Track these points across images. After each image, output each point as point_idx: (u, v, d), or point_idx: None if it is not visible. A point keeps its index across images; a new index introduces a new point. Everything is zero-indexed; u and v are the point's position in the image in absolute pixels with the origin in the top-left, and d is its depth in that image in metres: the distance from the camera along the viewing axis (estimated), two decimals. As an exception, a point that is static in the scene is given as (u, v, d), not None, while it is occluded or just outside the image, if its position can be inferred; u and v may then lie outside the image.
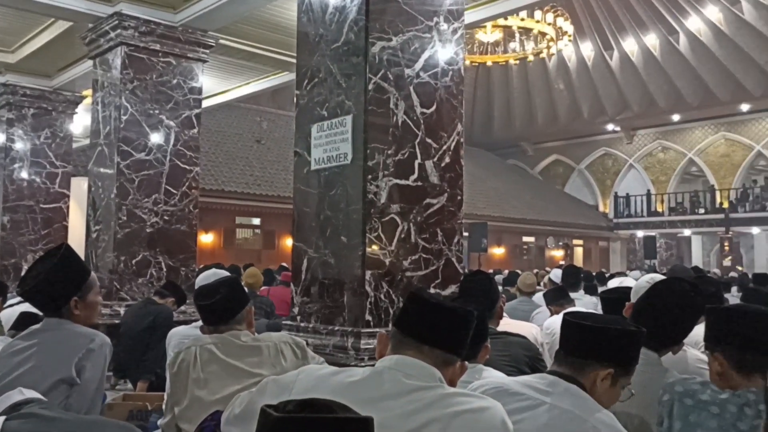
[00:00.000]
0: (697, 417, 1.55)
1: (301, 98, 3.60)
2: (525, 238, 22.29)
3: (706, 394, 1.59)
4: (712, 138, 22.99)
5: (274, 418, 0.99)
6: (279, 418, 0.99)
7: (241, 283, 2.60)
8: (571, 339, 1.84)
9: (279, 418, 0.99)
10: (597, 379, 1.72)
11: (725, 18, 19.96)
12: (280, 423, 0.98)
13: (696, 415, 1.56)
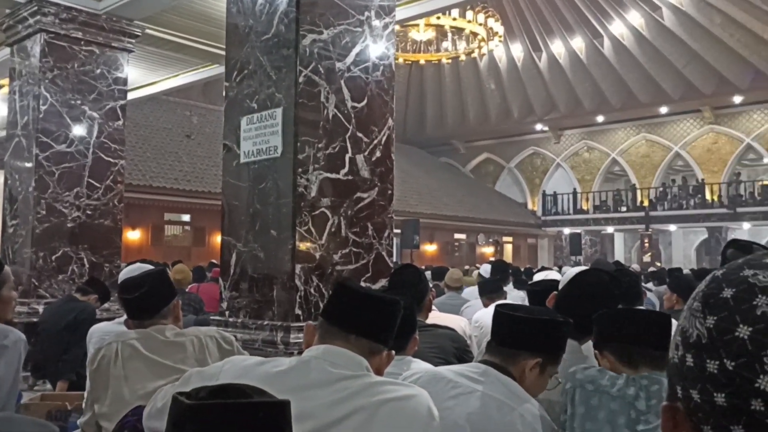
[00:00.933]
0: (599, 401, 1.63)
1: (230, 90, 3.54)
2: (456, 235, 22.64)
3: (605, 379, 1.67)
4: (634, 139, 23.93)
5: (186, 406, 0.96)
6: (191, 405, 0.96)
7: (168, 276, 2.51)
8: (502, 330, 1.90)
9: (191, 405, 0.96)
10: (526, 368, 1.77)
11: (647, 23, 20.80)
12: (192, 411, 0.95)
13: (597, 399, 1.63)
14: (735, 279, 0.56)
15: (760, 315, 0.52)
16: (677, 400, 0.58)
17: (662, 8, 20.14)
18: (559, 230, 24.56)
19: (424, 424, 1.46)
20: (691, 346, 0.56)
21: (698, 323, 0.56)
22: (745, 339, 0.52)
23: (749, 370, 0.51)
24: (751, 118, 21.52)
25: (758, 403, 0.51)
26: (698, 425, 0.55)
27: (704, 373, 0.54)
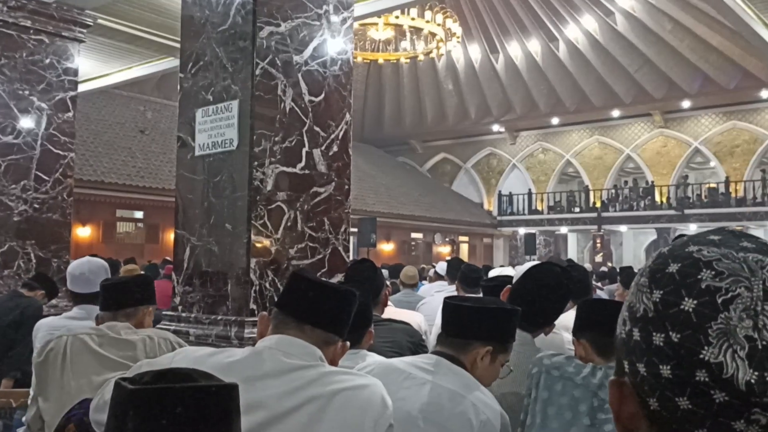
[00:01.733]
0: (563, 387, 1.65)
1: (185, 81, 3.48)
2: (413, 234, 22.74)
3: (571, 367, 1.70)
4: (587, 141, 24.40)
5: (129, 391, 0.94)
6: (134, 390, 0.94)
7: (151, 283, 2.60)
8: (451, 320, 1.92)
9: (134, 390, 0.94)
10: (477, 357, 1.79)
11: (600, 28, 21.24)
12: (135, 396, 0.93)
13: (561, 385, 1.66)
14: (680, 254, 0.57)
15: (704, 288, 0.53)
16: (624, 375, 0.59)
17: (615, 13, 20.59)
18: (515, 230, 24.89)
19: (377, 414, 1.46)
20: (638, 321, 0.57)
21: (645, 298, 0.57)
22: (690, 312, 0.53)
23: (694, 342, 0.52)
24: (699, 122, 22.18)
25: (703, 374, 0.52)
26: (644, 398, 0.56)
27: (651, 347, 0.55)
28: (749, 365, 0.51)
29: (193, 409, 0.93)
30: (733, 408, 0.52)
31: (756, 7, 4.92)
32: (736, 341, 0.51)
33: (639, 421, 0.58)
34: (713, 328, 0.52)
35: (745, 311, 0.52)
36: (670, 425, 0.55)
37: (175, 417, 0.92)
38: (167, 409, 0.92)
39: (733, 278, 0.53)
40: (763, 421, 0.52)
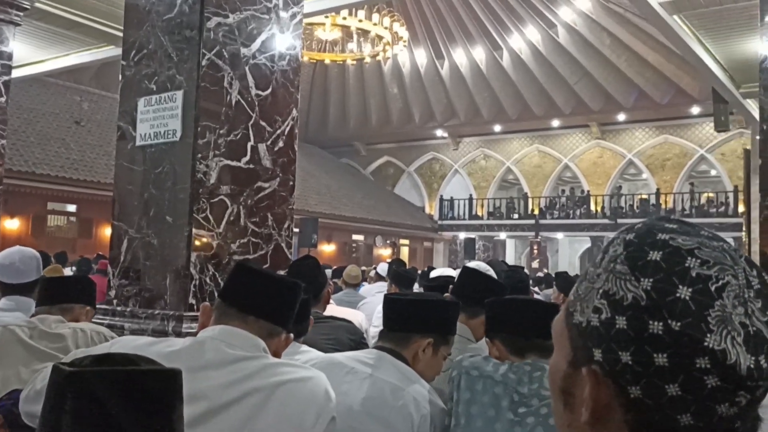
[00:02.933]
0: (483, 385, 1.69)
1: (127, 69, 3.39)
2: (354, 236, 22.73)
3: (489, 366, 1.73)
4: (527, 149, 24.94)
5: (68, 373, 0.91)
6: (73, 372, 0.90)
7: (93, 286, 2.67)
8: (392, 315, 1.93)
9: (73, 372, 0.90)
10: (419, 350, 1.81)
11: (543, 39, 21.76)
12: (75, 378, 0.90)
13: (482, 384, 1.69)
14: (656, 242, 0.58)
15: (696, 277, 0.55)
16: (591, 364, 0.59)
17: (558, 26, 21.13)
18: (455, 235, 25.19)
19: (320, 406, 1.45)
20: (626, 309, 0.56)
21: (631, 285, 0.56)
22: (687, 300, 0.54)
23: (696, 330, 0.53)
24: (634, 135, 22.96)
25: (704, 361, 0.53)
26: (624, 387, 0.56)
27: (643, 334, 0.55)
28: (746, 350, 0.53)
29: (135, 393, 0.91)
30: (722, 392, 0.53)
31: (692, 23, 5.14)
32: (733, 328, 0.53)
33: (613, 410, 0.58)
34: (712, 315, 0.53)
35: (737, 298, 0.54)
36: (652, 413, 0.55)
37: (116, 401, 0.89)
38: (107, 393, 0.89)
39: (719, 266, 0.55)
40: (743, 402, 0.54)
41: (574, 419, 0.62)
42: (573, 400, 0.63)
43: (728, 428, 0.55)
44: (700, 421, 0.54)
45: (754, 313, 0.54)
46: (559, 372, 0.65)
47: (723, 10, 4.85)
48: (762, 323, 0.54)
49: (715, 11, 4.86)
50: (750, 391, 0.54)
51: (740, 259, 0.57)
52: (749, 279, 0.55)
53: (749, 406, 0.55)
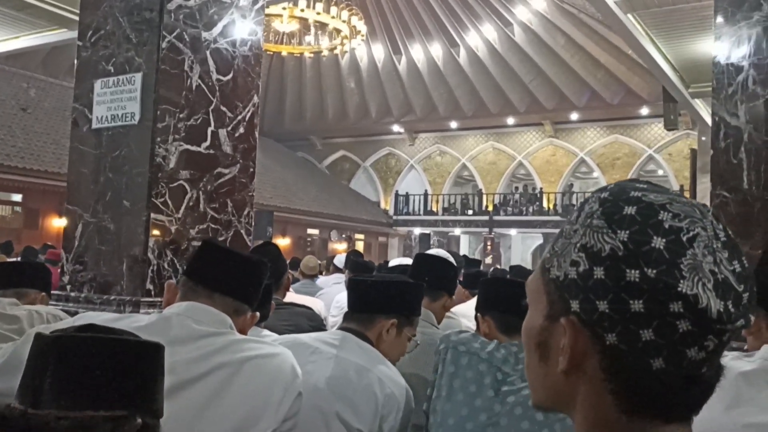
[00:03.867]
0: (468, 361, 1.71)
1: (83, 50, 3.31)
2: (310, 230, 22.64)
3: (477, 343, 1.76)
4: (483, 146, 25.22)
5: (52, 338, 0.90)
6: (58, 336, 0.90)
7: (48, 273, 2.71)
8: (356, 297, 1.95)
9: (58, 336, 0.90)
10: (383, 330, 1.83)
11: (499, 38, 22.02)
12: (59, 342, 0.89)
13: (467, 359, 1.72)
14: (630, 198, 0.61)
15: (668, 228, 0.58)
16: (568, 314, 0.62)
17: (514, 25, 21.42)
18: (410, 230, 25.32)
19: (286, 382, 1.46)
20: (603, 259, 0.59)
21: (607, 237, 0.59)
22: (662, 249, 0.57)
23: (670, 276, 0.56)
24: (585, 134, 23.45)
25: (677, 305, 0.56)
26: (601, 334, 0.59)
27: (621, 283, 0.58)
28: (716, 296, 0.56)
29: (120, 362, 0.90)
30: (693, 336, 0.57)
31: (644, 22, 5.28)
32: (704, 275, 0.56)
33: (589, 357, 0.61)
34: (684, 263, 0.56)
35: (706, 248, 0.57)
36: (626, 358, 0.58)
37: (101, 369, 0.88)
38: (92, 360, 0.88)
39: (689, 219, 0.58)
40: (711, 346, 0.57)
41: (550, 370, 0.65)
42: (549, 352, 0.66)
43: (695, 373, 0.59)
44: (670, 365, 0.57)
45: (722, 262, 0.58)
46: (534, 327, 0.68)
47: (675, 10, 5.01)
48: (729, 272, 0.58)
49: (668, 11, 5.01)
50: (718, 335, 0.57)
51: (708, 213, 0.61)
52: (716, 231, 0.59)
53: (715, 352, 0.59)
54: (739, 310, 0.57)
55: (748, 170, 2.07)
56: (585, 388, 0.62)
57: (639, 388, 0.59)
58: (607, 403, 0.61)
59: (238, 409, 1.38)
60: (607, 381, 0.60)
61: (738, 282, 0.58)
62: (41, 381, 0.86)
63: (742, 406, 1.17)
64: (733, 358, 1.27)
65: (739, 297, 0.57)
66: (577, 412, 0.64)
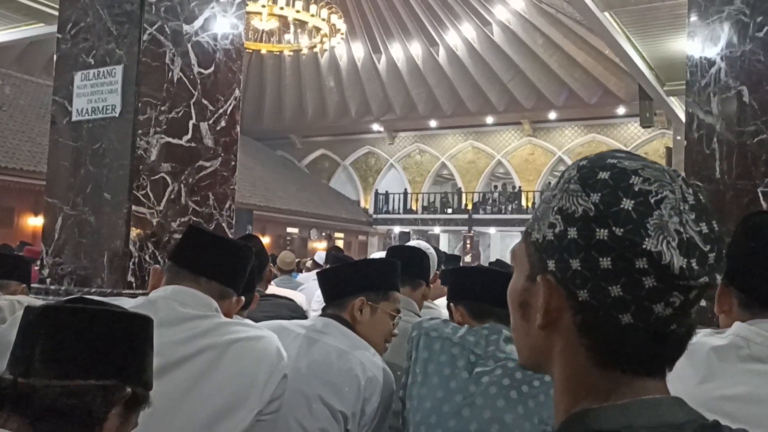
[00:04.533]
0: (441, 346, 1.75)
1: (63, 43, 3.29)
2: (289, 228, 22.58)
3: (449, 328, 1.80)
4: (462, 145, 25.34)
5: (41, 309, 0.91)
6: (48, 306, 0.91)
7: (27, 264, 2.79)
8: (326, 286, 2.00)
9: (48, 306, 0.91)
10: (354, 310, 1.86)
11: (478, 37, 22.14)
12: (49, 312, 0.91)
13: (440, 344, 1.75)
14: (605, 165, 0.65)
15: (638, 191, 0.61)
16: (545, 274, 0.65)
17: (492, 24, 21.55)
18: (389, 228, 25.36)
19: (272, 363, 1.48)
20: (576, 220, 0.63)
21: (581, 200, 0.63)
22: (630, 210, 0.60)
23: (636, 234, 0.59)
24: (563, 133, 23.66)
25: (642, 261, 0.59)
26: (573, 291, 0.63)
27: (591, 241, 0.61)
28: (680, 253, 0.59)
29: (108, 331, 0.92)
30: (657, 292, 0.60)
31: (621, 20, 5.37)
32: (669, 234, 0.59)
33: (563, 313, 0.65)
34: (650, 223, 0.60)
35: (673, 210, 0.60)
36: (597, 313, 0.62)
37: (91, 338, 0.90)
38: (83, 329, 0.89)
39: (659, 183, 0.62)
40: (678, 303, 0.61)
41: (531, 328, 0.69)
42: (530, 311, 0.69)
43: (664, 329, 0.62)
44: (639, 320, 0.61)
45: (688, 223, 0.61)
46: (517, 289, 0.72)
47: (650, 8, 5.10)
48: (695, 232, 0.61)
49: (643, 9, 5.10)
50: (683, 292, 0.61)
51: (678, 178, 0.64)
52: (685, 195, 0.62)
53: (683, 308, 0.62)
54: (704, 269, 0.60)
55: (720, 160, 2.13)
56: (561, 344, 0.66)
57: (609, 342, 0.63)
58: (581, 358, 0.64)
59: (223, 390, 1.40)
60: (581, 336, 0.64)
61: (704, 243, 0.61)
62: (31, 351, 0.88)
63: (714, 379, 1.22)
64: (706, 334, 1.32)
65: (704, 256, 0.60)
66: (555, 367, 0.67)
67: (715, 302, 1.37)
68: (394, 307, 1.92)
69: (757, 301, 1.28)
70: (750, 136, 2.04)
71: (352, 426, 1.70)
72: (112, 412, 0.93)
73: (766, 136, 2.00)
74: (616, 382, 0.64)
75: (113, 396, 0.92)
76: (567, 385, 0.66)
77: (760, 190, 1.98)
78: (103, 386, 0.90)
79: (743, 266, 1.30)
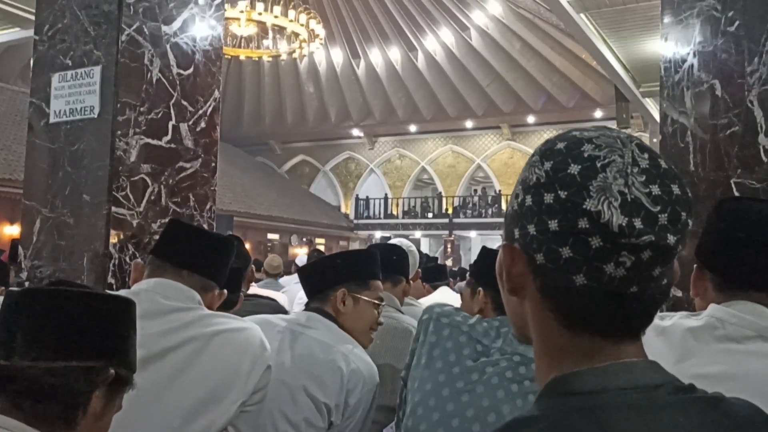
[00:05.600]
0: (450, 332, 1.75)
1: (40, 44, 3.27)
2: (270, 234, 22.50)
3: (459, 317, 1.80)
4: (442, 149, 25.44)
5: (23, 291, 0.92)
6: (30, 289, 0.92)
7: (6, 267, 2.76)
8: (307, 282, 2.01)
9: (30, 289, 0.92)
10: (337, 302, 1.87)
11: (456, 42, 22.27)
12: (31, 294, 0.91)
13: (449, 330, 1.76)
14: (566, 137, 0.68)
15: (587, 156, 0.64)
16: (514, 242, 0.68)
17: (471, 29, 21.69)
18: (370, 233, 25.37)
19: (255, 355, 1.49)
20: (531, 188, 0.66)
21: (537, 169, 0.66)
22: (575, 174, 0.63)
23: (578, 196, 0.62)
24: (542, 137, 23.75)
25: (584, 221, 0.61)
26: (532, 255, 0.65)
27: (542, 206, 0.64)
28: (621, 212, 0.61)
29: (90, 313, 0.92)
30: (604, 252, 0.62)
31: (597, 22, 5.44)
32: (611, 194, 0.62)
33: (526, 277, 0.67)
34: (593, 185, 0.62)
35: (619, 173, 0.63)
36: (553, 275, 0.64)
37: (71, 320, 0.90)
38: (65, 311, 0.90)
39: (608, 149, 0.64)
40: (628, 263, 0.62)
41: (509, 297, 0.72)
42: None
43: (622, 291, 0.63)
44: (593, 281, 0.63)
45: (634, 185, 0.62)
46: (499, 261, 0.74)
47: (625, 9, 5.18)
48: (642, 193, 0.62)
49: (618, 11, 5.18)
50: (631, 251, 0.62)
51: (631, 144, 0.66)
52: (636, 158, 0.64)
53: (637, 270, 0.63)
54: (652, 228, 0.61)
55: (693, 153, 2.18)
56: (531, 308, 0.69)
57: (568, 304, 0.65)
58: (549, 321, 0.67)
59: (206, 381, 1.40)
60: (543, 299, 0.67)
61: (653, 203, 0.62)
62: (13, 332, 0.88)
63: (690, 359, 1.25)
64: (682, 316, 1.35)
65: (652, 216, 0.61)
66: (532, 332, 0.70)
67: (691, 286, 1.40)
68: (376, 295, 1.94)
69: (731, 283, 1.31)
70: (722, 129, 2.08)
71: (336, 417, 1.71)
72: (96, 393, 0.93)
73: (737, 129, 2.04)
74: (592, 347, 0.66)
75: (96, 377, 0.93)
76: (543, 348, 0.69)
77: (733, 181, 2.02)
78: (85, 367, 0.91)
79: (717, 250, 1.33)
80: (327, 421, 1.70)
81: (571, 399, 0.63)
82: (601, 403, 0.62)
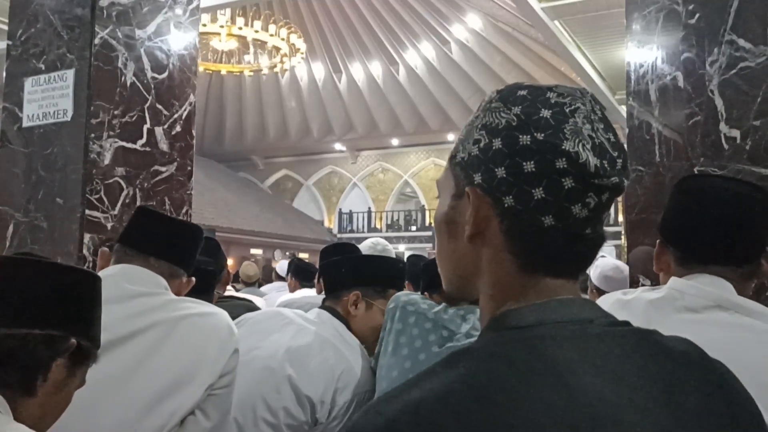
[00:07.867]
0: (415, 320, 1.77)
1: (13, 49, 3.26)
2: (253, 249, 22.40)
3: (425, 304, 1.83)
4: (424, 163, 25.54)
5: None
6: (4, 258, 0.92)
7: None
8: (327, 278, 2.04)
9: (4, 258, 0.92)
10: (348, 304, 1.88)
11: (437, 56, 22.46)
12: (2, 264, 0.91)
13: (414, 317, 1.78)
14: (522, 86, 0.71)
15: (554, 102, 0.67)
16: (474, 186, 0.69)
17: (451, 43, 21.90)
18: (354, 247, 25.30)
19: (222, 339, 1.48)
20: (500, 131, 0.68)
21: (503, 114, 0.69)
22: (548, 117, 0.66)
23: (555, 138, 0.65)
24: (523, 149, 24.03)
25: (562, 162, 0.65)
26: (499, 198, 0.67)
27: (515, 148, 0.66)
28: (594, 155, 0.65)
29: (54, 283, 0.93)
30: (575, 192, 0.65)
31: (571, 29, 5.53)
32: (583, 137, 0.65)
33: (490, 221, 0.69)
34: (567, 128, 0.65)
35: (585, 118, 0.66)
36: (522, 217, 0.66)
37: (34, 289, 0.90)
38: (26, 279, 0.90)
39: (571, 97, 0.68)
40: (592, 204, 0.66)
41: (458, 244, 0.73)
42: (457, 228, 0.73)
43: (580, 232, 0.67)
44: (559, 221, 0.66)
45: (599, 130, 0.67)
46: (443, 210, 0.76)
47: (598, 16, 5.26)
48: (604, 139, 0.67)
49: (591, 17, 5.26)
50: (597, 192, 0.66)
51: (587, 94, 0.71)
52: (594, 108, 0.69)
53: (596, 211, 0.67)
54: (614, 170, 0.66)
55: (659, 144, 2.22)
56: (487, 252, 0.70)
57: (533, 245, 0.67)
58: (506, 263, 0.69)
59: (173, 365, 1.40)
60: (506, 242, 0.68)
61: (613, 149, 0.67)
62: None
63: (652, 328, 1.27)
64: (644, 290, 1.37)
65: (613, 160, 0.67)
66: (481, 276, 0.71)
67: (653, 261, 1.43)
68: None
69: (692, 257, 1.34)
70: (685, 119, 2.13)
71: (321, 414, 1.70)
72: (57, 362, 0.93)
73: (699, 118, 2.08)
74: (539, 286, 0.68)
75: (57, 346, 0.93)
76: (491, 293, 0.70)
77: (696, 169, 2.06)
78: (47, 335, 0.91)
79: (679, 225, 1.36)
80: (309, 415, 1.69)
81: (510, 332, 0.65)
82: (539, 334, 0.63)
